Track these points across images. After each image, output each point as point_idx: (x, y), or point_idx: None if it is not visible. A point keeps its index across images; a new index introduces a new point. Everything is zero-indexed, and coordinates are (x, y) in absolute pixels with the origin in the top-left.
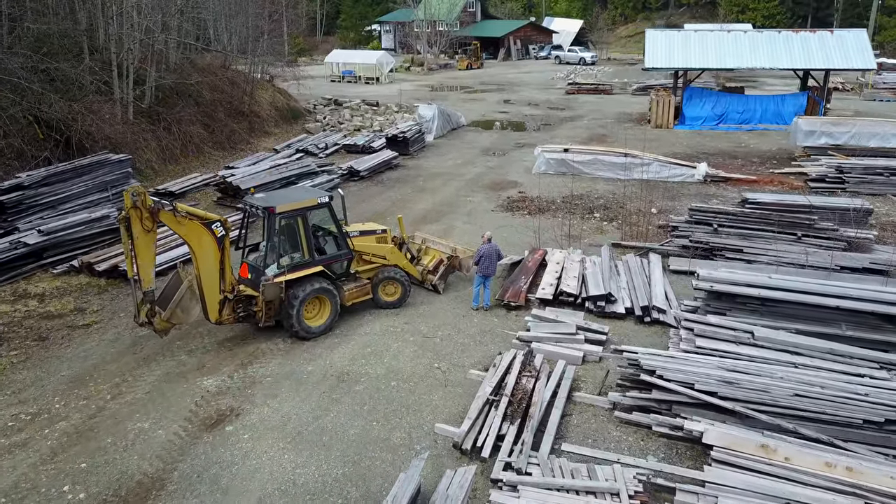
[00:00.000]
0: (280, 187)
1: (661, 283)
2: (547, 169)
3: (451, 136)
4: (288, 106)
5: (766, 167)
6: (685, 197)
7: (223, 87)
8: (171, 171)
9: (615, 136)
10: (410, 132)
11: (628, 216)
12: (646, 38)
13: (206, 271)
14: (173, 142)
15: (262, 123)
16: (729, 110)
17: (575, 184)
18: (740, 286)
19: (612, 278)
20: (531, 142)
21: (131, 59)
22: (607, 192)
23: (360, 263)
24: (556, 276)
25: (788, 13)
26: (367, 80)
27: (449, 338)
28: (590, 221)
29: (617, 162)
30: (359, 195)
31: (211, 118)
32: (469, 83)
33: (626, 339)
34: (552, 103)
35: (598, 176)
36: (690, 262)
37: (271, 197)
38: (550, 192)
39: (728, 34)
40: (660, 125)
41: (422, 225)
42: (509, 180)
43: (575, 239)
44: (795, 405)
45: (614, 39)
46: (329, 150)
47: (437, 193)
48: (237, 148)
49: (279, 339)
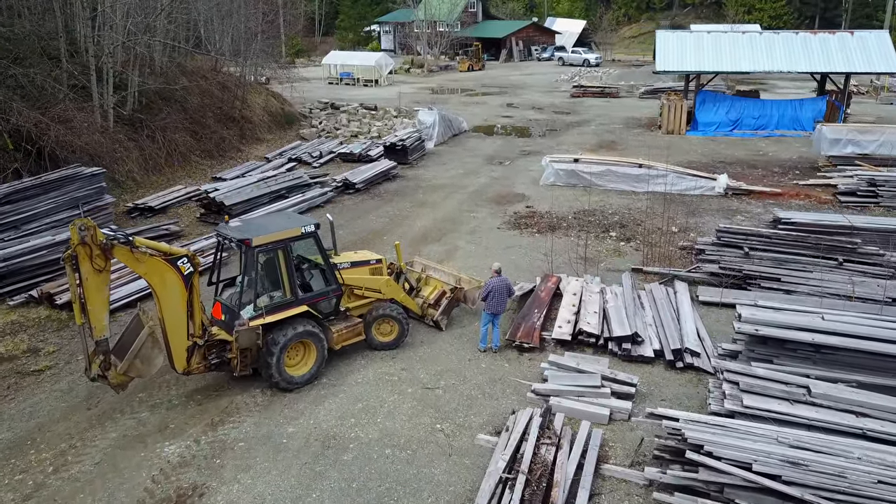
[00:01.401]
0: (269, 202)
1: (691, 317)
2: (556, 180)
3: (452, 143)
4: (282, 110)
5: (789, 178)
6: (706, 213)
7: (213, 91)
8: (155, 183)
9: (625, 143)
10: (410, 140)
11: (647, 235)
12: (656, 40)
13: (172, 315)
14: (157, 151)
15: (255, 129)
16: (744, 116)
17: (587, 197)
18: (790, 330)
19: (636, 313)
20: (537, 149)
21: (111, 63)
22: (622, 206)
23: (352, 299)
24: (574, 310)
25: (795, 13)
26: (365, 83)
27: (453, 388)
28: (605, 241)
29: (631, 173)
30: (354, 210)
31: (199, 125)
32: (470, 85)
33: (657, 390)
34: (557, 107)
35: (611, 188)
36: (722, 293)
37: (248, 226)
38: (561, 207)
39: (743, 36)
40: (671, 131)
41: (422, 245)
42: (516, 193)
43: (591, 262)
44: (880, 495)
45: (618, 40)
46: (323, 158)
47: (439, 208)
48: (227, 156)
49: (257, 389)
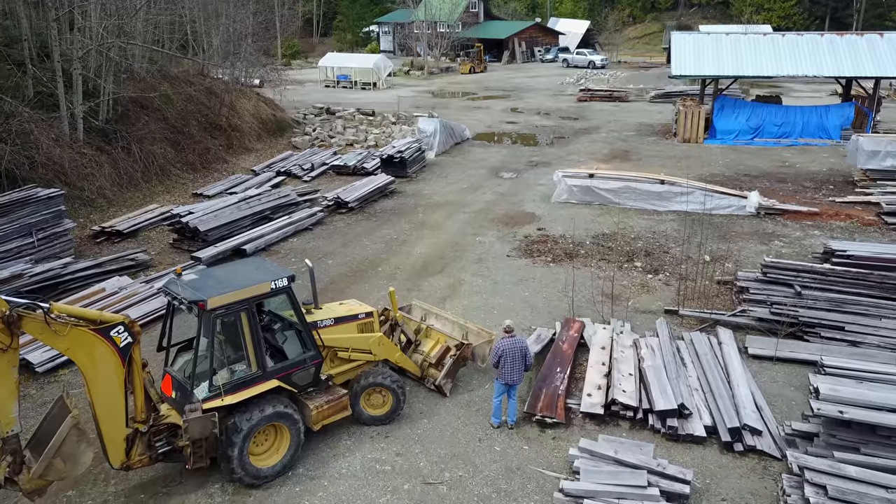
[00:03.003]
0: (251, 225)
1: (744, 380)
2: (569, 197)
3: (454, 153)
4: (273, 117)
5: (823, 194)
6: (740, 237)
7: (199, 97)
8: (129, 200)
9: (639, 153)
10: (409, 151)
11: (676, 265)
12: (671, 42)
13: (105, 398)
14: (133, 164)
15: (243, 138)
16: (765, 123)
17: (604, 217)
18: (884, 412)
19: (678, 374)
20: (545, 159)
21: (80, 69)
22: (645, 229)
23: (335, 363)
24: (604, 371)
25: (805, 13)
26: (363, 86)
27: (460, 483)
28: (631, 274)
29: (652, 191)
30: (346, 234)
31: (181, 134)
32: (472, 89)
33: (715, 483)
34: (564, 112)
35: (631, 206)
36: (777, 345)
37: (205, 281)
38: (576, 229)
39: (764, 38)
40: (688, 139)
41: (421, 279)
42: (525, 212)
43: (616, 301)
44: None
45: (622, 41)
46: (315, 171)
47: (440, 231)
48: (211, 168)
49: (216, 485)
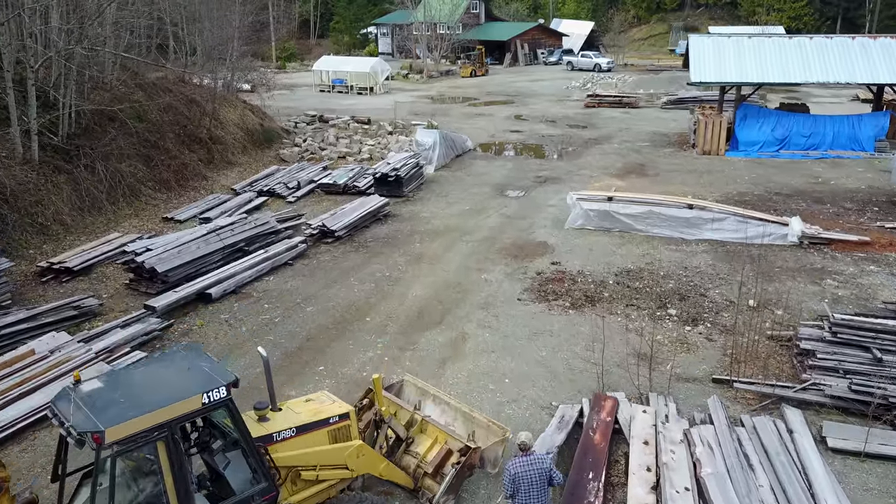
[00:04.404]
0: (221, 261)
1: (830, 490)
2: (585, 223)
3: (455, 166)
4: (261, 127)
5: (868, 217)
6: (785, 274)
7: (178, 107)
8: (91, 226)
9: (656, 167)
10: (405, 168)
11: (717, 313)
12: (689, 46)
13: None
14: (97, 184)
15: (226, 151)
16: (792, 133)
17: (626, 248)
18: None
19: (748, 486)
20: (554, 174)
21: (34, 79)
22: (674, 263)
23: (297, 487)
24: (652, 483)
25: (816, 14)
26: (359, 91)
27: None
28: (665, 324)
29: (679, 216)
30: (329, 271)
31: (156, 149)
32: (473, 93)
33: None
34: (571, 119)
35: (655, 234)
36: (868, 435)
37: (109, 394)
38: (596, 263)
39: (790, 41)
40: (708, 151)
41: (416, 334)
42: (536, 241)
43: (654, 365)
44: None
45: (627, 42)
46: (302, 190)
47: (439, 266)
48: (188, 186)
49: None
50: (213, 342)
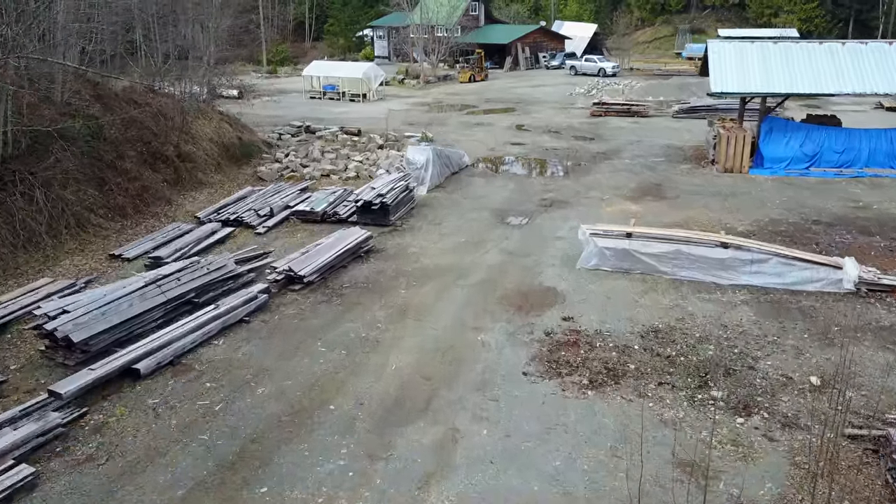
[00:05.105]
0: (162, 319)
1: None
2: (600, 263)
3: (451, 186)
4: (239, 140)
5: None
6: (846, 335)
7: (144, 120)
8: (25, 266)
9: (674, 187)
10: (392, 193)
11: (773, 395)
12: (708, 51)
13: None
14: (35, 215)
15: (196, 170)
16: (823, 149)
17: (651, 297)
18: None
19: None
20: (561, 196)
21: None
22: (711, 319)
23: None
24: None
25: (828, 16)
26: (352, 97)
27: None
28: (708, 411)
29: (711, 257)
30: (292, 333)
31: (113, 170)
32: (472, 101)
33: None
34: (577, 130)
35: (683, 278)
36: None
37: None
38: (616, 319)
39: (820, 47)
40: (730, 169)
41: (392, 431)
42: (544, 286)
43: (701, 480)
44: None
45: (631, 45)
46: (275, 218)
47: (428, 321)
48: (147, 212)
49: None
50: (130, 442)
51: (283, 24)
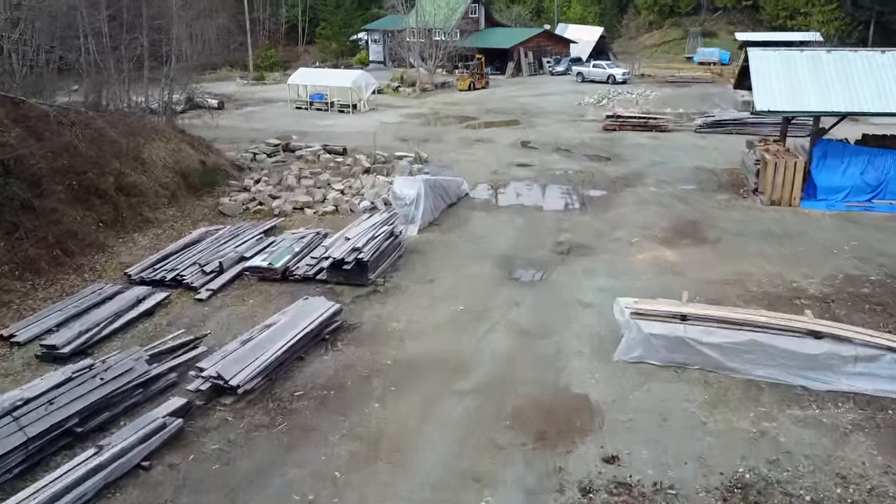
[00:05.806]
0: (22, 465)
1: None
2: (645, 355)
3: (446, 223)
4: (202, 165)
5: None
6: None
7: (79, 146)
8: None
9: (714, 225)
10: (372, 245)
11: None
12: (750, 61)
13: None
14: None
15: (143, 205)
16: (890, 178)
17: (722, 413)
18: None
19: None
20: (580, 239)
21: None
22: (816, 458)
23: None
24: None
25: (847, 18)
26: (341, 108)
27: None
28: None
29: (799, 352)
30: (207, 489)
31: (28, 212)
32: (472, 111)
33: None
34: (590, 147)
35: (759, 378)
36: None
37: None
38: (680, 460)
39: (883, 56)
40: (777, 200)
41: None
42: (571, 394)
43: None
44: None
45: (638, 49)
46: (224, 276)
47: (407, 468)
48: (69, 266)
49: None
50: None
51: (275, 27)
